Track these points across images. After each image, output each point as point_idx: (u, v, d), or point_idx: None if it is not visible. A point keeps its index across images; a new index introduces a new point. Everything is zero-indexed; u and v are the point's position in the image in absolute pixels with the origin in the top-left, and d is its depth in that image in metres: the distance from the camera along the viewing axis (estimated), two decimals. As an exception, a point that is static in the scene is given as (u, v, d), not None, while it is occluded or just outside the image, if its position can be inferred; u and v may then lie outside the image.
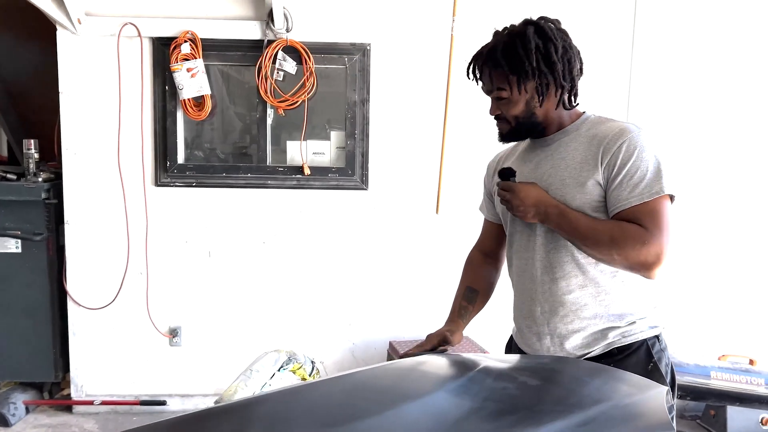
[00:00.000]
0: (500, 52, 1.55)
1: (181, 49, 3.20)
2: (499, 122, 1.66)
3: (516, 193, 1.54)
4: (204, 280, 3.45)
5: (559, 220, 1.51)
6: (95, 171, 3.34)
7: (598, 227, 1.48)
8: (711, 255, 3.62)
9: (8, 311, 3.46)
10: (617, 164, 1.47)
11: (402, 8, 3.33)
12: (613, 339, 1.56)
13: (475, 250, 1.92)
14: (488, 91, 1.64)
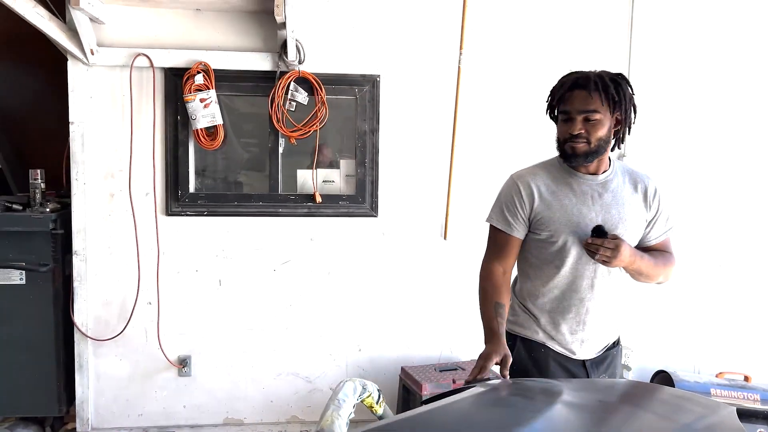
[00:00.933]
0: (607, 81, 1.88)
1: (194, 79, 3.23)
2: (577, 141, 1.90)
3: (620, 251, 1.83)
4: (214, 309, 3.45)
5: (638, 265, 1.92)
6: (105, 201, 3.32)
7: (657, 262, 1.98)
8: (707, 274, 3.79)
9: (11, 344, 3.37)
10: (658, 209, 2.02)
11: (411, 41, 3.43)
12: (614, 336, 2.12)
13: (497, 265, 2.04)
14: (581, 110, 1.88)
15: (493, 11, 3.47)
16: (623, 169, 2.04)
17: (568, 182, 1.98)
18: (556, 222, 1.95)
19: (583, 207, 1.94)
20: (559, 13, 3.54)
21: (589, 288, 1.97)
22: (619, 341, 2.16)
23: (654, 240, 2.03)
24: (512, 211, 2.01)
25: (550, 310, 2.03)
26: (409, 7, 3.43)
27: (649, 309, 3.72)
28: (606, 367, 2.08)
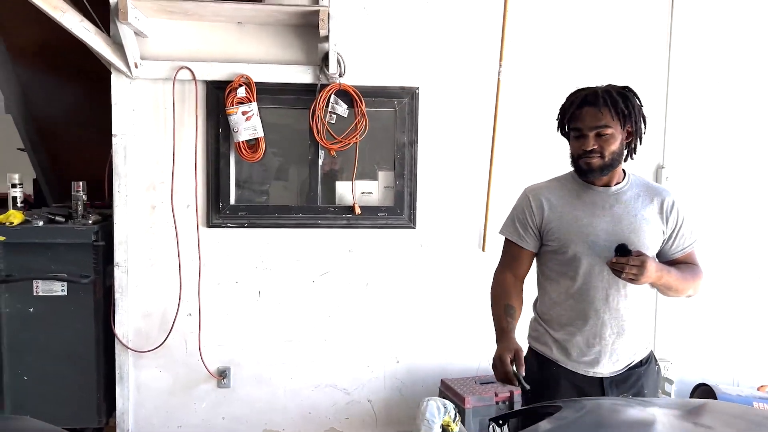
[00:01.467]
0: (615, 96, 1.91)
1: (236, 92, 3.26)
2: (592, 157, 1.93)
3: (646, 269, 1.80)
4: (253, 320, 3.46)
5: (666, 280, 1.90)
6: (146, 213, 3.34)
7: (685, 276, 1.96)
8: (745, 286, 3.77)
9: (52, 355, 3.39)
10: (677, 222, 2.00)
11: (450, 54, 3.45)
12: (642, 354, 2.04)
13: (508, 273, 2.11)
14: (593, 126, 1.91)
15: (533, 23, 3.48)
16: (639, 182, 2.05)
17: (579, 195, 2.03)
18: (565, 232, 1.98)
19: (593, 218, 1.96)
20: (597, 24, 3.55)
21: (603, 300, 1.96)
22: (651, 359, 2.07)
23: (678, 253, 2.03)
24: (523, 223, 2.08)
25: (565, 323, 2.03)
26: (449, 20, 3.44)
27: (687, 321, 3.71)
28: (629, 387, 2.00)
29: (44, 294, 3.37)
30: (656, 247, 1.99)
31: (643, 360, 2.04)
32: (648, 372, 2.03)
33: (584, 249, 1.95)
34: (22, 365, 3.40)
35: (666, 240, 2.00)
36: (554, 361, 2.04)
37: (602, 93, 1.91)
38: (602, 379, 1.99)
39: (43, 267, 3.34)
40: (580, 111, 1.93)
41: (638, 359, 2.03)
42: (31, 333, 3.38)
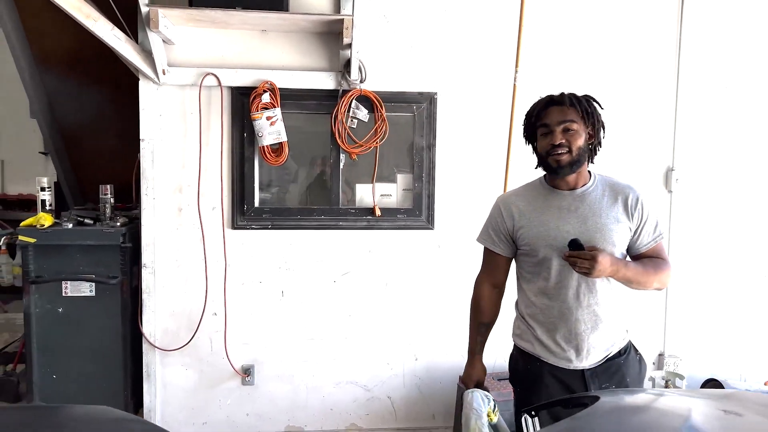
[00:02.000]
0: (578, 96, 2.09)
1: (261, 98, 3.35)
2: (561, 153, 2.04)
3: (597, 262, 1.90)
4: (277, 319, 3.55)
5: (625, 273, 1.98)
6: (173, 215, 3.44)
7: (647, 269, 2.04)
8: (752, 284, 3.88)
9: (81, 354, 3.48)
10: (642, 218, 2.07)
11: (467, 60, 3.55)
12: (620, 344, 2.14)
13: (486, 284, 2.29)
14: (560, 121, 2.04)
15: (547, 30, 3.59)
16: (604, 182, 2.14)
17: (547, 199, 2.13)
18: (535, 237, 2.09)
19: (559, 221, 2.07)
20: (607, 29, 3.65)
21: (575, 298, 2.06)
22: (630, 349, 2.17)
23: (644, 247, 2.11)
24: (496, 230, 2.22)
25: (543, 321, 2.13)
26: (466, 27, 3.55)
27: (696, 319, 3.81)
28: (610, 376, 2.09)
29: (73, 294, 3.46)
30: (624, 244, 2.07)
31: (622, 350, 2.13)
32: (628, 361, 2.12)
33: (552, 251, 2.05)
34: (51, 364, 3.49)
35: (632, 236, 2.09)
36: (537, 356, 2.14)
37: (567, 94, 2.07)
38: (583, 371, 2.09)
39: (72, 268, 3.44)
40: (546, 110, 2.07)
41: (616, 350, 2.12)
42: (60, 332, 3.47)
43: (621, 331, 2.14)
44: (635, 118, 3.71)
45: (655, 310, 3.81)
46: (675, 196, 3.74)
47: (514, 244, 2.18)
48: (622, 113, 3.67)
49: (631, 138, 3.69)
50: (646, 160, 3.74)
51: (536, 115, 2.11)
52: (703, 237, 3.79)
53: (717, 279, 3.85)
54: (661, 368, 3.78)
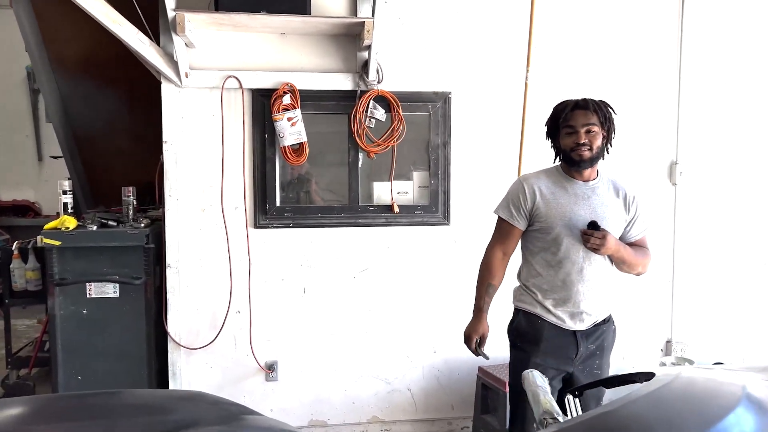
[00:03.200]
0: (599, 103, 2.46)
1: (282, 100, 3.43)
2: (584, 149, 2.40)
3: (606, 240, 2.34)
4: (299, 316, 3.63)
5: (622, 255, 2.42)
6: (196, 215, 3.50)
7: (637, 254, 2.49)
8: (754, 273, 4.05)
9: (104, 354, 3.52)
10: (636, 213, 2.52)
11: (480, 59, 3.67)
12: (605, 314, 2.54)
13: (498, 250, 2.59)
14: (584, 124, 2.40)
15: (556, 30, 3.72)
16: (608, 179, 2.54)
17: (563, 186, 2.49)
18: (551, 216, 2.44)
19: (575, 206, 2.43)
20: (612, 27, 3.79)
21: (578, 272, 2.43)
22: (611, 320, 2.59)
23: (634, 237, 2.54)
24: (517, 205, 2.51)
25: (547, 289, 2.48)
26: (478, 28, 3.66)
27: (701, 307, 3.96)
28: (596, 338, 2.50)
29: (97, 296, 3.50)
30: (619, 231, 2.48)
31: (605, 319, 2.54)
32: (608, 329, 2.55)
33: (565, 230, 2.42)
34: (76, 365, 3.53)
35: (626, 226, 2.51)
36: (539, 316, 2.50)
37: (590, 101, 2.43)
38: (575, 332, 2.47)
39: (95, 270, 3.48)
40: (573, 113, 2.42)
41: (602, 318, 2.52)
42: (84, 334, 3.51)
43: (608, 303, 2.53)
44: (640, 113, 3.85)
45: (662, 299, 3.95)
46: (679, 188, 3.89)
47: (529, 220, 2.50)
48: (626, 108, 3.78)
49: (635, 132, 3.83)
50: (650, 154, 3.89)
51: (563, 117, 2.44)
52: (707, 228, 3.95)
53: (720, 268, 4.00)
54: (669, 354, 3.93)
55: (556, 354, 2.48)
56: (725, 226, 3.96)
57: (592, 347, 2.50)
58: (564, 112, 2.44)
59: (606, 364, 2.57)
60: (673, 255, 3.94)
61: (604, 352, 2.55)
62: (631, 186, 2.56)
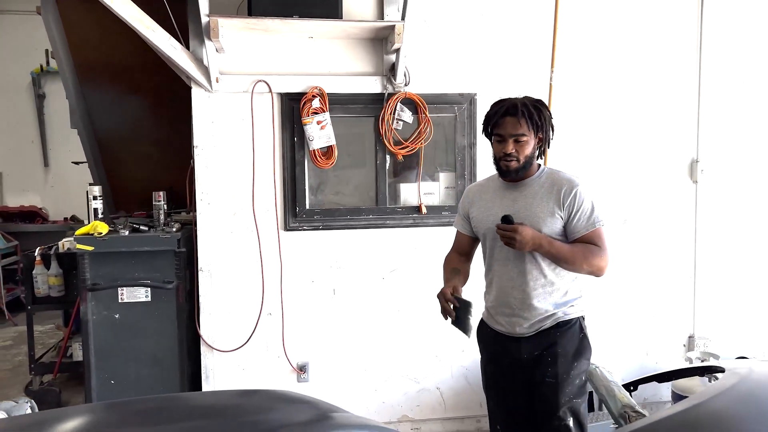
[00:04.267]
0: (531, 108, 2.32)
1: (311, 103, 3.46)
2: (510, 160, 2.32)
3: (519, 233, 2.20)
4: (329, 317, 3.66)
5: (549, 248, 2.24)
6: (227, 219, 3.52)
7: (574, 250, 2.27)
8: None
9: (137, 358, 3.55)
10: (574, 207, 2.30)
11: (505, 61, 3.72)
12: (558, 317, 2.35)
13: (453, 252, 2.63)
14: (512, 134, 2.29)
15: (581, 30, 3.77)
16: (550, 175, 2.40)
17: (497, 188, 2.46)
18: (480, 220, 2.45)
19: (500, 208, 2.37)
20: (633, 26, 3.85)
21: (507, 274, 2.37)
22: (573, 326, 2.37)
23: (578, 234, 2.32)
24: (461, 213, 2.59)
25: (488, 293, 2.49)
26: (503, 29, 3.71)
27: (723, 302, 4.03)
28: (543, 344, 2.34)
29: (129, 300, 3.53)
30: (552, 229, 2.30)
31: (561, 324, 2.34)
32: (566, 335, 2.34)
33: (490, 232, 2.38)
34: (109, 369, 3.55)
35: (566, 223, 2.33)
36: (486, 323, 2.51)
37: (521, 106, 2.30)
38: (519, 338, 2.37)
39: (127, 274, 3.51)
40: (502, 120, 2.31)
41: (549, 324, 2.34)
42: (116, 338, 3.53)
43: (559, 308, 2.35)
44: (660, 111, 3.91)
45: (685, 295, 4.01)
46: (700, 186, 3.95)
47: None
48: (647, 106, 3.88)
49: (656, 130, 3.89)
50: (671, 152, 3.94)
51: (494, 123, 2.35)
52: (728, 224, 4.00)
53: (742, 264, 4.06)
54: (692, 349, 3.99)
55: (500, 362, 2.44)
56: (746, 222, 4.02)
57: (539, 353, 2.34)
58: (494, 118, 2.34)
59: (565, 373, 2.32)
60: (694, 251, 3.99)
61: (558, 359, 2.32)
62: (576, 179, 2.35)
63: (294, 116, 3.52)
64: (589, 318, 3.61)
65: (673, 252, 3.99)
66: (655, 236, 3.95)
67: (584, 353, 2.37)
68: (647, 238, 3.94)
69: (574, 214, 2.30)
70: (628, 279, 3.91)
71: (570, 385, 2.31)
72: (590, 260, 2.26)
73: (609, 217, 2.47)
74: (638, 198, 3.92)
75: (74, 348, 4.39)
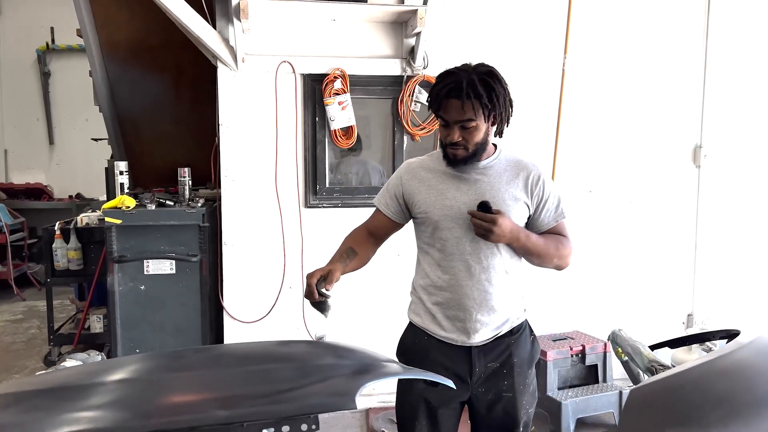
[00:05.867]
0: (480, 86, 1.88)
1: (333, 84, 3.58)
2: (456, 149, 1.96)
3: (497, 224, 1.86)
4: (346, 291, 3.78)
5: (525, 242, 1.95)
6: (250, 195, 3.65)
7: (548, 243, 2.00)
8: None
9: (161, 329, 3.68)
10: (543, 196, 2.02)
11: (519, 45, 3.85)
12: (512, 322, 2.06)
13: (363, 228, 2.22)
14: (457, 121, 1.91)
15: (595, 17, 3.90)
16: (508, 158, 2.07)
17: (447, 169, 2.04)
18: (431, 205, 2.02)
19: (457, 192, 2.00)
20: (642, 13, 3.98)
21: (465, 271, 1.98)
22: (524, 329, 2.10)
23: (546, 226, 2.05)
24: (392, 191, 2.13)
25: (433, 294, 2.06)
26: (518, 14, 3.84)
27: (721, 282, 4.21)
28: (497, 356, 2.02)
29: (154, 272, 3.65)
30: (520, 221, 2.00)
31: (514, 329, 2.05)
32: (519, 341, 2.05)
33: (446, 221, 1.99)
34: (134, 339, 3.68)
35: (532, 214, 2.03)
36: (425, 330, 2.09)
37: (466, 85, 1.88)
38: (470, 348, 2.01)
39: (153, 247, 3.63)
40: (446, 101, 1.92)
41: (507, 329, 2.04)
42: (142, 309, 3.66)
43: (515, 310, 2.06)
44: (666, 98, 4.05)
45: (684, 275, 4.19)
46: (703, 171, 4.11)
47: (408, 210, 2.12)
48: (654, 92, 4.02)
49: (662, 117, 4.04)
50: (675, 137, 4.10)
51: (437, 104, 1.97)
52: (729, 208, 4.17)
53: (741, 246, 4.23)
54: (691, 326, 4.17)
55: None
56: (746, 207, 4.19)
57: (495, 365, 2.02)
58: (438, 98, 1.95)
59: (522, 384, 2.05)
60: (695, 233, 4.16)
61: (513, 370, 2.03)
62: (537, 164, 2.08)
63: (316, 97, 3.63)
64: (592, 295, 3.80)
65: (675, 233, 4.16)
66: (658, 217, 4.11)
67: (536, 358, 2.12)
68: (651, 219, 4.10)
69: (543, 205, 2.02)
70: (631, 258, 4.08)
71: (527, 395, 2.06)
72: (561, 254, 2.02)
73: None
74: (643, 180, 4.07)
75: (92, 320, 4.52)
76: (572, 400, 3.50)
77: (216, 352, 1.75)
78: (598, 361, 3.72)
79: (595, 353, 3.72)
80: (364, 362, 1.51)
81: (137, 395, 1.23)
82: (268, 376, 1.36)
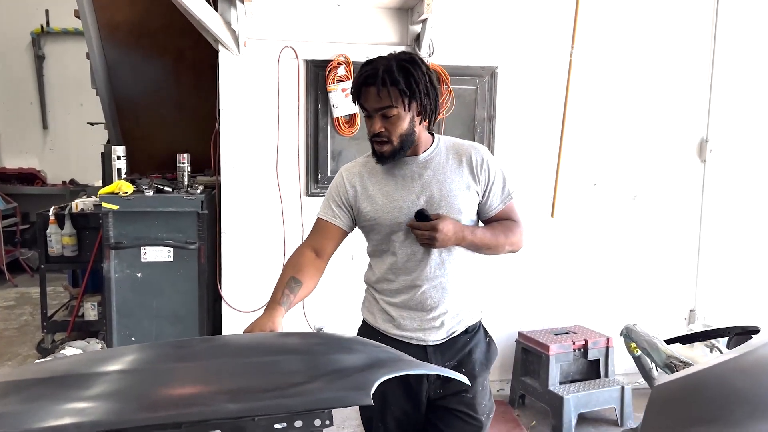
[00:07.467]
0: (397, 72, 1.77)
1: (336, 71, 3.51)
2: (379, 143, 1.86)
3: (439, 231, 1.78)
4: (346, 281, 3.73)
5: (472, 239, 1.88)
6: (250, 182, 3.58)
7: (495, 232, 1.93)
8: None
9: (158, 316, 3.63)
10: (489, 178, 1.92)
11: (526, 35, 3.78)
12: (468, 321, 1.98)
13: (307, 248, 2.01)
14: (376, 109, 1.81)
15: (603, 9, 3.83)
16: (448, 145, 1.97)
17: (390, 169, 1.94)
18: (379, 210, 1.92)
19: (403, 191, 1.91)
20: (650, 5, 3.93)
21: (422, 271, 1.91)
22: (480, 329, 2.04)
23: (495, 210, 1.97)
24: (337, 202, 2.00)
25: (389, 295, 1.99)
26: (525, 3, 3.77)
27: (724, 278, 4.18)
28: (455, 353, 1.96)
29: (151, 260, 3.59)
30: (472, 209, 1.94)
31: (470, 329, 1.99)
32: (476, 340, 2.00)
33: (396, 224, 1.90)
34: (130, 326, 3.63)
35: (481, 199, 1.95)
36: (378, 329, 2.01)
37: (382, 72, 1.77)
38: (426, 347, 1.94)
39: (150, 234, 3.56)
40: (365, 89, 1.82)
41: (462, 328, 1.97)
42: (138, 296, 3.60)
43: (471, 309, 2.00)
44: (673, 92, 4.00)
45: (687, 270, 4.15)
46: (708, 165, 4.07)
47: (354, 217, 2.01)
48: (660, 86, 3.96)
49: (668, 111, 3.99)
50: (681, 131, 4.05)
51: (356, 93, 1.86)
52: (734, 203, 4.13)
53: (745, 241, 4.20)
54: (693, 322, 4.14)
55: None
56: (751, 203, 4.16)
57: (452, 364, 1.94)
58: (357, 87, 1.84)
59: (480, 386, 1.97)
60: (699, 229, 4.13)
61: (474, 370, 1.95)
62: (479, 147, 1.98)
63: (319, 83, 3.56)
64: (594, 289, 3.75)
65: (679, 228, 4.12)
66: (662, 212, 4.07)
67: (493, 360, 2.04)
68: (655, 213, 4.06)
69: (489, 188, 1.93)
70: (634, 252, 4.04)
71: (485, 399, 1.98)
72: (511, 239, 1.95)
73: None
74: (648, 174, 4.03)
75: (86, 307, 4.45)
76: (574, 395, 3.47)
77: (223, 342, 1.69)
78: (601, 355, 3.69)
79: (598, 348, 3.68)
80: (378, 356, 1.45)
81: (144, 386, 1.17)
82: (280, 368, 1.31)
